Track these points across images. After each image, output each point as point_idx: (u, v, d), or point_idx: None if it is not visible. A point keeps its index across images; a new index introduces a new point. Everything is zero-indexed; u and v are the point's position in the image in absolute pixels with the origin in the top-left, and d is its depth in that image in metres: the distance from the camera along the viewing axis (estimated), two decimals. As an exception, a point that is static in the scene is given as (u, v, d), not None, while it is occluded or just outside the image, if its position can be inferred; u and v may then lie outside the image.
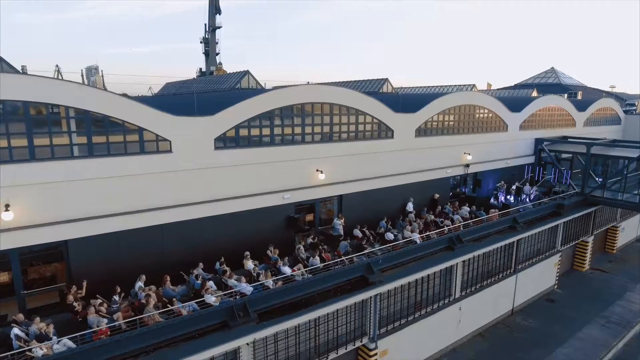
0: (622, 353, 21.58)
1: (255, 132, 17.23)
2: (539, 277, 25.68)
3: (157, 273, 14.67)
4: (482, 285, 21.64)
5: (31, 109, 12.52)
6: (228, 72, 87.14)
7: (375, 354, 16.91)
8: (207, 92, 29.29)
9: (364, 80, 34.19)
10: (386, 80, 32.67)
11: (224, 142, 16.37)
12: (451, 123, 25.16)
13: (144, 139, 14.42)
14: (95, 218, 13.79)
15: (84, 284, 13.37)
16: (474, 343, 21.44)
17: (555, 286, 27.30)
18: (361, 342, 16.63)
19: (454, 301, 20.18)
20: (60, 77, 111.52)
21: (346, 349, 16.14)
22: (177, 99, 22.46)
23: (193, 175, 15.67)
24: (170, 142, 14.92)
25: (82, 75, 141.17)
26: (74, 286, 13.31)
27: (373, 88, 32.30)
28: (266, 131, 17.54)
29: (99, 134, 13.67)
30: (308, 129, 18.77)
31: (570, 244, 28.53)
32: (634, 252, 34.71)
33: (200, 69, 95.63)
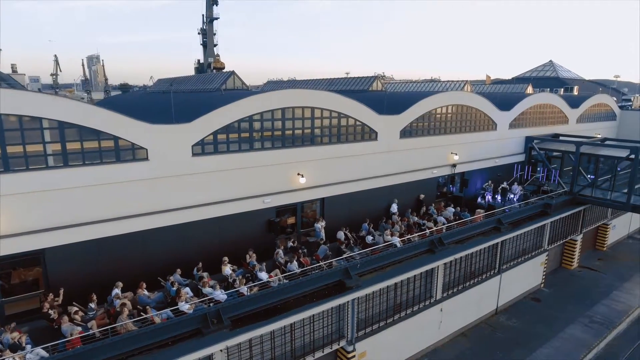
0: (604, 353, 21.74)
1: (234, 137, 17.30)
2: (525, 277, 25.81)
3: (137, 279, 14.91)
4: (465, 286, 21.79)
5: (5, 121, 12.63)
6: (225, 63, 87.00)
7: (353, 356, 17.18)
8: (194, 91, 29.34)
9: (354, 78, 34.11)
10: (376, 78, 32.58)
11: (202, 148, 16.45)
12: (437, 123, 25.09)
13: (119, 147, 14.53)
14: (72, 226, 13.96)
15: (61, 291, 13.61)
16: (456, 343, 21.69)
17: (542, 285, 27.46)
18: (338, 345, 16.87)
19: (435, 303, 20.37)
20: (58, 68, 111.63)
21: (323, 352, 16.40)
22: (163, 98, 22.65)
23: (170, 182, 15.79)
24: (146, 150, 15.02)
25: (83, 65, 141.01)
26: (50, 294, 13.56)
27: (363, 86, 32.22)
28: (245, 136, 17.58)
29: (73, 143, 13.78)
30: (288, 133, 18.81)
31: (558, 243, 28.59)
32: (624, 249, 34.74)
33: (198, 60, 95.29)
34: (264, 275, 15.61)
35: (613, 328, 23.23)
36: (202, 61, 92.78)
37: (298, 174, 19.05)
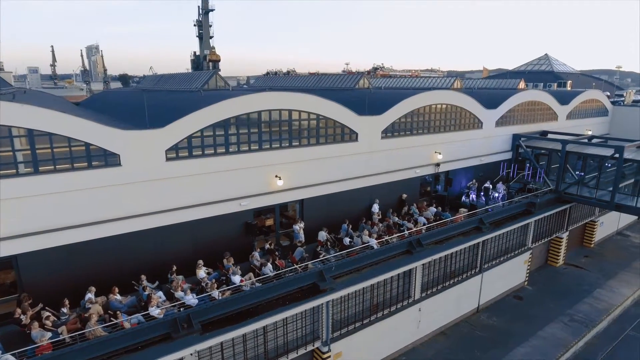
0: (583, 352, 21.96)
1: (209, 141, 17.34)
2: (508, 275, 25.95)
3: (112, 283, 15.08)
4: (445, 286, 21.96)
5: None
6: (223, 55, 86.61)
7: (329, 357, 17.43)
8: (177, 91, 29.34)
9: (341, 75, 34.17)
10: (362, 75, 32.58)
11: (176, 153, 16.52)
12: (421, 123, 25.03)
13: (91, 153, 14.61)
14: (43, 232, 14.11)
15: (40, 306, 13.65)
16: (435, 342, 21.92)
17: (525, 283, 27.63)
18: (313, 346, 17.09)
19: (414, 303, 20.55)
20: (54, 59, 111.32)
21: (297, 353, 16.63)
22: (148, 96, 22.72)
23: (144, 187, 15.86)
24: (118, 155, 15.10)
25: (82, 55, 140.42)
26: (30, 299, 13.67)
27: (349, 84, 32.13)
28: (221, 140, 17.63)
29: (44, 150, 13.88)
30: (265, 136, 18.85)
31: (543, 241, 28.67)
32: (612, 246, 34.83)
33: (195, 52, 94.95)
34: (237, 279, 15.78)
35: (593, 327, 23.41)
36: (198, 53, 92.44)
37: (276, 177, 19.12)
